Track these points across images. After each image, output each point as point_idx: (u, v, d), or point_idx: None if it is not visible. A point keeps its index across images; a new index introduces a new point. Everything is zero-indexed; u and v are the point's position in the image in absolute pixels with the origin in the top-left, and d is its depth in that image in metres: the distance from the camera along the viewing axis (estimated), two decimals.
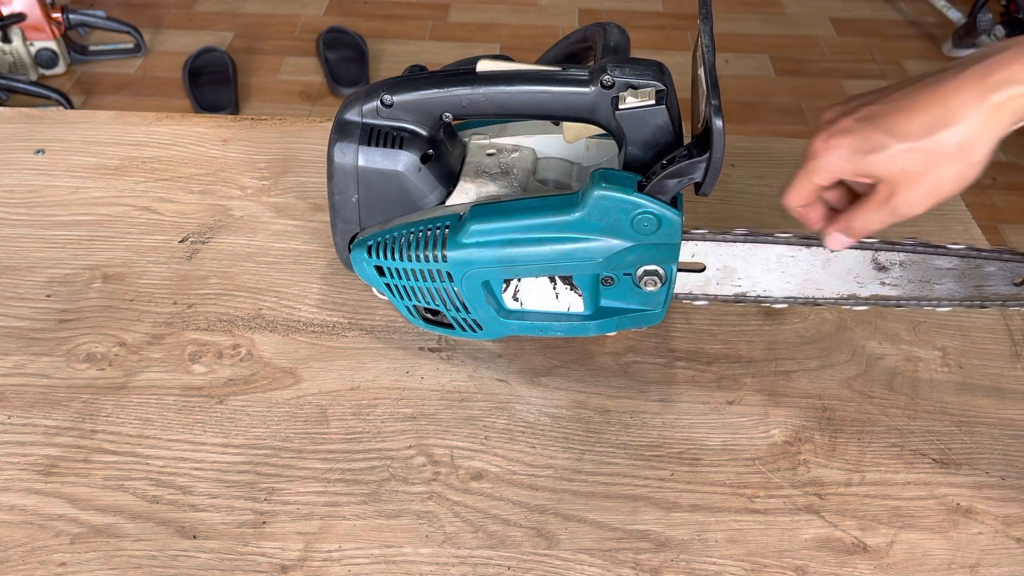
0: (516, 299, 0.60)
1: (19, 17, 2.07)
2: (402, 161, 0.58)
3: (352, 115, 0.59)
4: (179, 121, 0.87)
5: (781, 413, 0.62)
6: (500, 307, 0.60)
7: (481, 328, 0.61)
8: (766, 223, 0.77)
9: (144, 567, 0.51)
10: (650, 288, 0.57)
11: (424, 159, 0.59)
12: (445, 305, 0.60)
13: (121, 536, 0.52)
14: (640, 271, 0.56)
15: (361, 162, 0.59)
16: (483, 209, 0.56)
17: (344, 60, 2.21)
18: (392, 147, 0.58)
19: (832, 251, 0.57)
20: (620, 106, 0.54)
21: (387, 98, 0.58)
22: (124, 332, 0.65)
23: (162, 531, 0.53)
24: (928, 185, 0.48)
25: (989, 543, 0.54)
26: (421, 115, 0.58)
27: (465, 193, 0.60)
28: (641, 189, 0.53)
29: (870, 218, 0.51)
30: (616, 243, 0.54)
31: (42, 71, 2.17)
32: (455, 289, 0.58)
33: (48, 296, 0.68)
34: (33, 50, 2.13)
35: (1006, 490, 0.58)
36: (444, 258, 0.57)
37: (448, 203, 0.60)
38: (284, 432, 0.59)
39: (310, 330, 0.66)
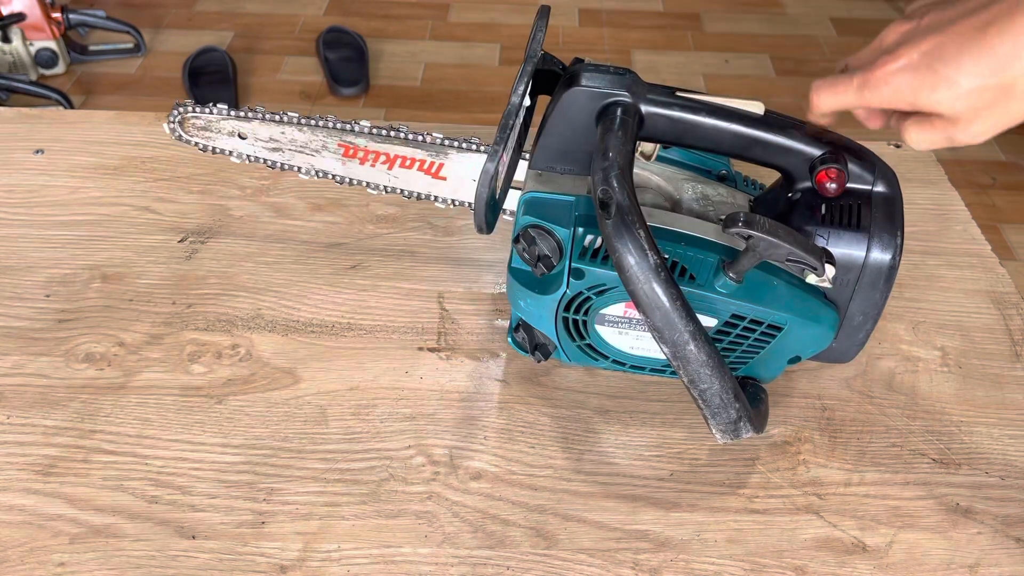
0: None
1: (19, 17, 2.07)
2: None
3: None
4: None
5: (780, 413, 0.62)
6: None
7: None
8: None
9: (143, 567, 0.51)
10: None
11: None
12: None
13: (120, 536, 0.52)
14: None
15: None
16: None
17: (344, 60, 2.21)
18: None
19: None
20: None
21: None
22: (123, 332, 0.65)
23: (161, 531, 0.53)
24: (994, 119, 0.46)
25: (988, 543, 0.54)
26: None
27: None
28: None
29: (927, 138, 0.49)
30: None
31: (42, 71, 2.17)
32: None
33: (47, 296, 0.68)
34: (33, 50, 2.13)
35: (1005, 490, 0.57)
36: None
37: None
38: (283, 432, 0.59)
39: (309, 330, 0.66)
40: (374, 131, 0.66)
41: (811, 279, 0.54)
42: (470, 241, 0.75)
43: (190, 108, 0.68)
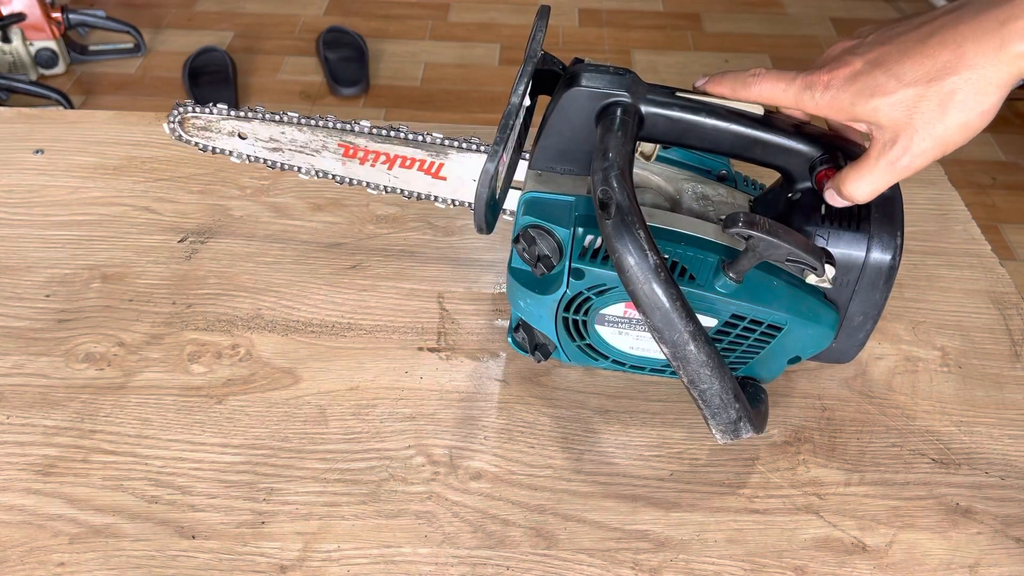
0: None
1: (19, 17, 2.07)
2: None
3: None
4: None
5: (780, 413, 0.62)
6: None
7: None
8: None
9: (143, 567, 0.51)
10: None
11: None
12: None
13: (120, 536, 0.52)
14: None
15: None
16: None
17: (344, 60, 2.21)
18: None
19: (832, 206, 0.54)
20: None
21: None
22: (123, 332, 0.65)
23: (161, 531, 0.53)
24: (934, 135, 0.45)
25: (988, 543, 0.54)
26: None
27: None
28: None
29: (867, 179, 0.48)
30: None
31: (42, 71, 2.17)
32: None
33: (47, 296, 0.68)
34: (33, 50, 2.13)
35: (1005, 490, 0.57)
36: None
37: None
38: (283, 432, 0.59)
39: (309, 330, 0.66)
40: (374, 131, 0.67)
41: (811, 279, 0.54)
42: (470, 241, 0.75)
43: (190, 108, 0.68)
